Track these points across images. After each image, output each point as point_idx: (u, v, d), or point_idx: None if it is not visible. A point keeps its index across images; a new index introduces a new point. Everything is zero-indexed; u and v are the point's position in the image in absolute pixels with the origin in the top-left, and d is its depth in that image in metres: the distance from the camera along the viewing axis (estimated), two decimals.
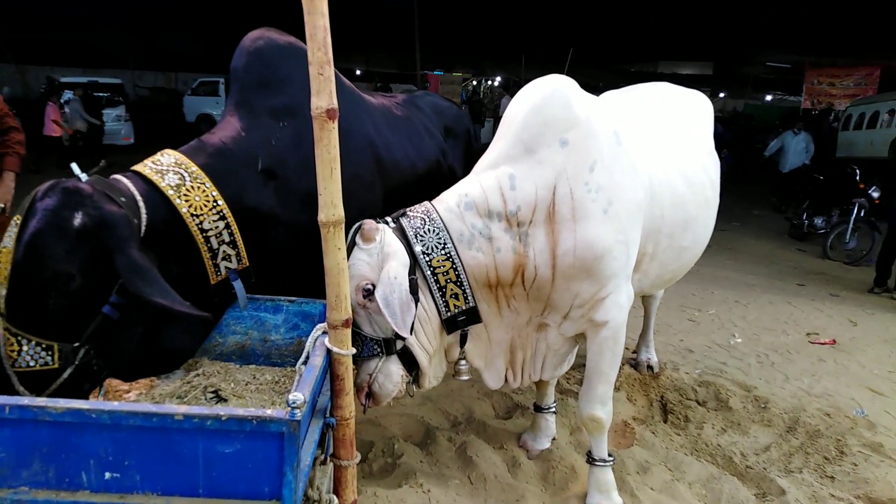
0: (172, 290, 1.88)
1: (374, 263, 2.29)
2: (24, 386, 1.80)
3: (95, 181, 1.96)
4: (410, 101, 3.44)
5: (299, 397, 1.59)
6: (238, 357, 2.50)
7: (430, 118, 3.40)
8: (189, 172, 2.19)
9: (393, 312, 2.15)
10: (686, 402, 3.77)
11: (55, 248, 1.78)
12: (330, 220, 1.91)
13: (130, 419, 1.55)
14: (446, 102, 3.82)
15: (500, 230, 2.42)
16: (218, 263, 2.24)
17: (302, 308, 2.48)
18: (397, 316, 2.15)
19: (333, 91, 1.82)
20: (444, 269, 2.38)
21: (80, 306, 1.85)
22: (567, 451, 3.14)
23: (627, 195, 2.50)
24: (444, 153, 3.32)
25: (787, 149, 12.14)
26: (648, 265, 2.81)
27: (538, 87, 2.57)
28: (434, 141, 3.29)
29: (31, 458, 1.59)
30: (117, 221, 1.87)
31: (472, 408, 3.55)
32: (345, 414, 2.09)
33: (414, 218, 2.43)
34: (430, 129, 3.33)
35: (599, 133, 2.51)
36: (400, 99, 3.43)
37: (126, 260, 1.83)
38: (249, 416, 1.57)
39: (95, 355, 1.91)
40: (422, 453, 3.08)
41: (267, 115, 2.48)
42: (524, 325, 2.63)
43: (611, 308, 2.53)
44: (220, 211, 2.21)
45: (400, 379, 2.40)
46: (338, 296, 1.98)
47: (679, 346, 4.83)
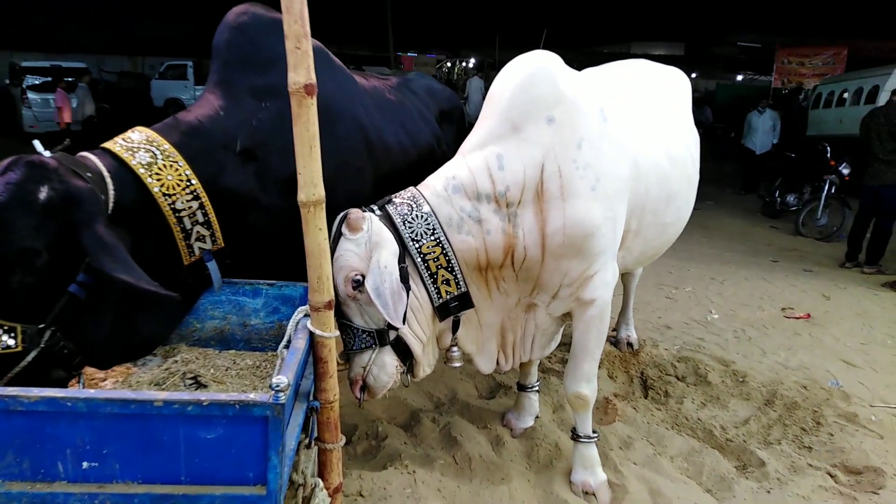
0: (139, 269, 1.80)
1: (362, 253, 2.24)
2: None
3: (60, 157, 1.88)
4: (404, 85, 3.37)
5: (283, 381, 1.55)
6: (217, 342, 2.45)
7: (424, 102, 3.34)
8: (161, 150, 2.11)
9: (385, 303, 2.10)
10: (666, 377, 3.81)
11: (19, 223, 1.70)
12: (310, 199, 1.86)
13: (108, 406, 1.50)
14: (440, 86, 3.75)
15: (489, 212, 2.39)
16: (191, 244, 2.18)
17: (282, 291, 2.43)
18: (389, 306, 2.11)
19: (311, 66, 1.77)
20: (434, 255, 2.34)
21: (46, 285, 1.77)
22: (551, 429, 3.15)
23: (615, 172, 2.49)
24: (438, 139, 3.27)
25: (754, 129, 12.11)
26: (633, 242, 2.81)
27: (523, 65, 2.53)
28: (428, 126, 3.23)
29: (3, 450, 1.53)
30: (84, 196, 1.79)
31: (455, 389, 3.54)
32: (329, 397, 2.05)
33: (401, 204, 2.38)
34: (425, 113, 3.27)
35: (586, 110, 2.48)
36: (393, 82, 3.35)
37: (93, 236, 1.76)
38: (232, 401, 1.52)
39: (64, 338, 1.84)
40: (406, 435, 3.06)
41: (248, 95, 2.40)
42: (513, 307, 2.61)
43: (598, 286, 2.53)
44: (193, 191, 2.14)
45: (395, 370, 2.37)
46: (319, 277, 1.94)
47: (657, 322, 4.88)
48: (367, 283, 2.15)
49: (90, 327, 1.91)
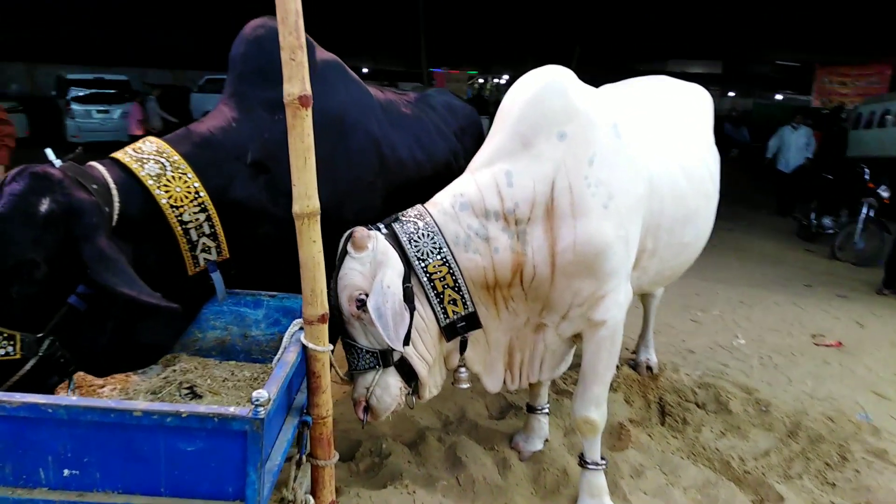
0: (140, 281, 1.80)
1: (366, 272, 2.21)
2: None
3: (67, 167, 1.89)
4: (422, 100, 3.35)
5: (263, 395, 1.52)
6: (218, 353, 2.44)
7: (442, 118, 3.32)
8: (171, 161, 2.11)
9: (385, 324, 2.06)
10: (685, 404, 3.68)
11: (19, 235, 1.71)
12: (304, 211, 1.84)
13: (88, 415, 1.49)
14: (460, 102, 3.73)
15: (497, 229, 2.34)
16: (197, 255, 2.17)
17: (283, 303, 2.41)
18: (389, 327, 2.07)
19: (306, 77, 1.75)
20: (440, 274, 2.30)
21: (45, 296, 1.78)
22: (560, 454, 3.06)
23: (628, 189, 2.42)
24: (455, 155, 3.23)
25: (786, 146, 11.33)
26: (648, 262, 2.72)
27: (534, 79, 2.49)
28: (445, 142, 3.21)
29: None
30: (86, 209, 1.80)
31: (465, 407, 3.47)
32: (321, 412, 2.02)
33: (407, 222, 2.35)
34: (442, 129, 3.24)
35: (598, 125, 2.42)
36: (411, 97, 3.34)
37: (93, 249, 1.76)
38: (211, 414, 1.50)
39: (61, 347, 1.84)
40: (410, 453, 3.00)
41: (261, 108, 2.40)
42: (522, 327, 2.55)
43: (610, 307, 2.45)
44: (201, 203, 2.14)
45: (399, 392, 2.32)
46: (313, 290, 1.91)
47: (680, 346, 4.73)
48: (369, 303, 2.11)
49: (89, 338, 1.92)
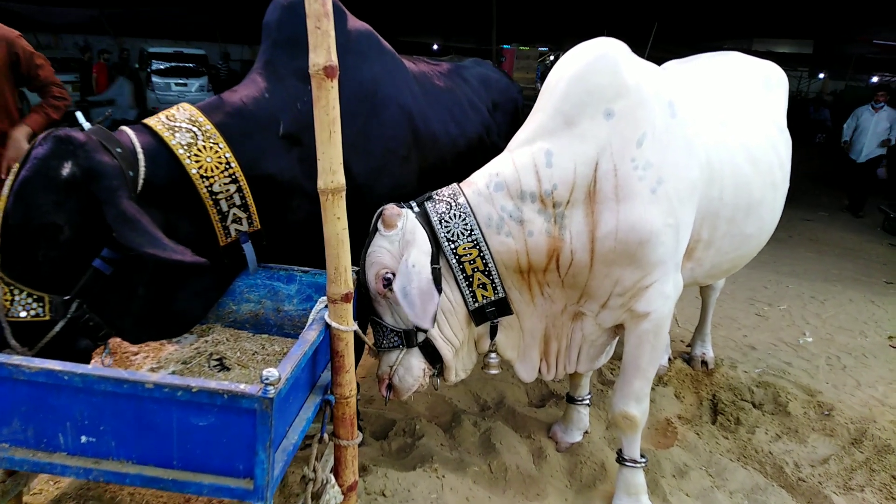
0: (166, 239, 1.81)
1: (395, 251, 2.17)
2: (17, 339, 1.78)
3: (93, 131, 1.90)
4: (455, 72, 3.25)
5: (273, 374, 1.48)
6: (251, 326, 2.45)
7: (476, 91, 3.21)
8: (203, 130, 2.11)
9: (411, 303, 2.03)
10: (740, 403, 3.47)
11: (42, 198, 1.74)
12: (329, 187, 1.79)
13: (102, 384, 1.50)
14: (496, 74, 3.61)
15: (532, 212, 2.23)
16: (227, 225, 2.17)
17: (315, 279, 2.39)
18: (416, 306, 2.03)
19: (332, 47, 1.69)
20: (470, 257, 2.22)
21: (70, 258, 1.81)
22: (599, 447, 2.94)
23: (680, 173, 2.26)
24: (487, 129, 3.13)
25: (863, 129, 9.51)
26: (703, 253, 2.55)
27: (582, 52, 2.34)
28: (478, 115, 3.10)
29: (10, 416, 1.57)
30: (107, 171, 1.81)
31: (504, 393, 3.39)
32: (344, 392, 1.99)
33: (439, 202, 2.28)
34: (475, 102, 3.14)
35: (651, 103, 2.26)
36: (444, 68, 3.24)
37: (115, 211, 1.77)
38: (220, 390, 1.48)
39: (90, 310, 1.87)
40: (444, 436, 2.96)
41: (294, 77, 2.37)
42: (559, 314, 2.44)
43: (654, 298, 2.30)
44: (232, 174, 2.13)
45: (421, 373, 2.29)
46: (337, 268, 1.87)
47: (741, 341, 4.48)
48: (395, 284, 2.08)
49: (117, 302, 1.94)
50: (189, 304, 2.21)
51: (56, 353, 1.79)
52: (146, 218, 1.82)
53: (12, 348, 1.80)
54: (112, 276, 1.90)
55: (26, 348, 1.81)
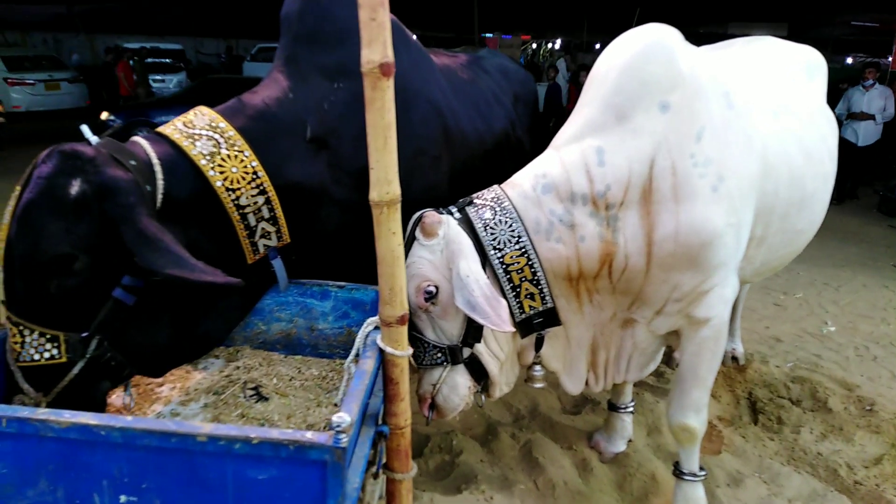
0: (193, 258, 1.58)
1: (437, 262, 2.00)
2: (31, 383, 1.57)
3: (103, 143, 1.68)
4: (475, 63, 3.06)
5: (345, 419, 1.30)
6: (283, 346, 2.25)
7: (497, 83, 3.03)
8: (225, 138, 1.89)
9: (483, 312, 1.85)
10: (778, 400, 3.35)
11: (49, 223, 1.51)
12: (383, 199, 1.59)
13: (146, 438, 1.30)
14: (514, 65, 3.43)
15: (584, 215, 2.06)
16: (256, 241, 1.96)
17: (352, 295, 2.20)
18: (489, 314, 1.85)
19: (389, 41, 1.49)
20: (518, 265, 2.05)
21: (86, 290, 1.59)
22: (646, 456, 2.80)
23: (741, 169, 2.10)
24: (512, 123, 2.95)
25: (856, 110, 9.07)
26: (755, 251, 2.40)
27: (633, 40, 2.16)
28: (502, 109, 2.92)
29: (36, 476, 1.37)
30: (121, 187, 1.58)
31: (536, 400, 3.23)
32: (399, 422, 1.81)
33: (482, 207, 2.10)
34: (498, 95, 2.96)
35: (708, 94, 2.10)
36: (464, 59, 3.05)
37: (134, 231, 1.55)
38: (285, 441, 1.29)
39: (111, 347, 1.65)
40: (482, 451, 2.80)
41: (319, 74, 2.16)
42: (608, 322, 2.28)
43: (715, 303, 2.15)
44: (259, 184, 1.92)
45: (467, 391, 2.13)
46: (392, 288, 1.68)
47: (765, 333, 4.37)
48: (457, 300, 1.91)
49: (140, 335, 1.73)
50: (213, 326, 2.00)
51: (74, 397, 1.59)
52: (169, 236, 1.60)
53: (25, 393, 1.59)
54: (134, 307, 1.68)
55: (41, 393, 1.59)
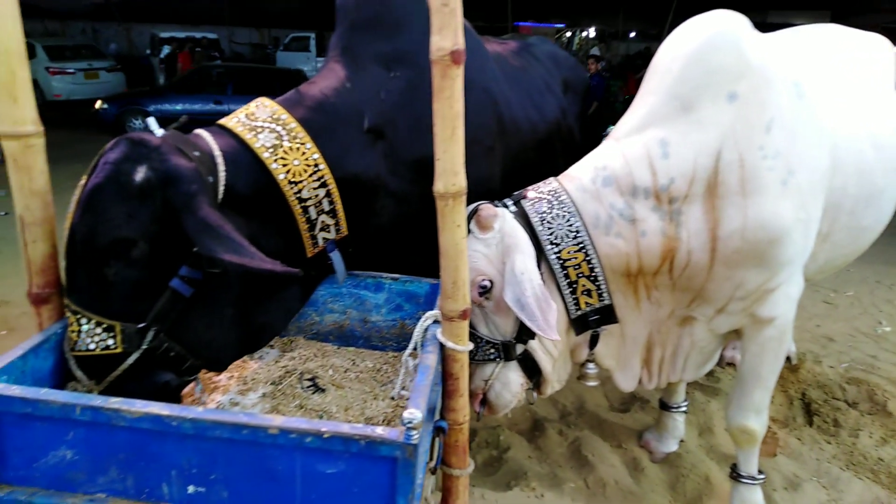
0: (253, 248, 1.56)
1: (491, 256, 1.96)
2: (85, 372, 1.57)
3: (168, 135, 1.67)
4: (526, 50, 2.99)
5: (416, 416, 1.27)
6: (336, 338, 2.25)
7: (548, 70, 2.96)
8: (287, 129, 1.87)
9: (531, 314, 1.80)
10: (833, 402, 3.24)
11: (111, 206, 1.50)
12: (449, 190, 1.56)
13: (217, 430, 1.30)
14: (563, 52, 3.36)
15: (645, 209, 2.00)
16: (315, 235, 1.94)
17: (406, 287, 2.18)
18: (537, 317, 1.80)
19: (460, 28, 1.45)
20: (575, 261, 2.00)
21: (145, 279, 1.58)
22: (699, 457, 2.73)
23: (811, 163, 2.01)
24: (564, 112, 2.89)
25: None
26: (819, 248, 2.31)
27: (699, 27, 2.08)
28: (554, 98, 2.86)
29: (106, 464, 1.38)
30: (184, 175, 1.57)
31: (583, 397, 3.18)
32: (458, 418, 1.78)
33: (539, 200, 2.05)
34: (549, 83, 2.89)
35: (777, 84, 2.01)
36: (514, 46, 2.99)
37: (195, 219, 1.53)
38: (356, 436, 1.27)
39: (168, 339, 1.63)
40: (530, 447, 2.76)
41: (376, 63, 2.13)
42: (665, 319, 2.21)
43: (780, 302, 2.08)
44: (321, 177, 1.89)
45: (520, 388, 2.09)
46: (455, 282, 1.65)
47: (816, 332, 4.23)
48: (507, 296, 1.86)
49: (198, 327, 1.70)
50: (272, 318, 1.98)
51: (130, 388, 1.58)
52: (229, 225, 1.58)
53: (78, 381, 1.59)
54: (192, 298, 1.66)
55: (93, 381, 1.59)
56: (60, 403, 1.31)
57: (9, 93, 1.54)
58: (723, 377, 3.49)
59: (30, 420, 1.35)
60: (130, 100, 11.44)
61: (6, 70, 1.52)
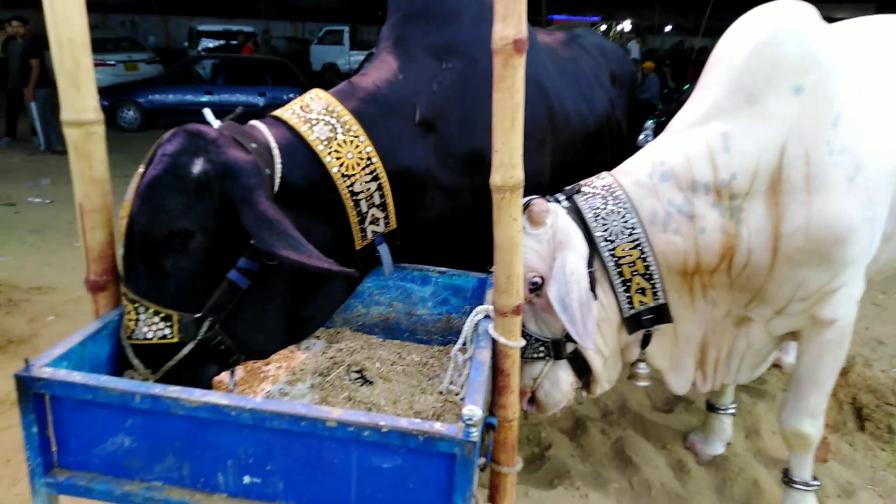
0: (307, 243, 1.55)
1: (543, 252, 1.91)
2: (142, 360, 1.58)
3: (225, 126, 1.67)
4: (574, 41, 2.94)
5: (476, 413, 1.25)
6: (381, 330, 2.23)
7: (596, 62, 2.90)
8: (342, 122, 1.85)
9: (572, 317, 1.77)
10: (886, 407, 3.13)
11: (170, 198, 1.51)
12: (507, 183, 1.52)
13: (275, 420, 1.29)
14: (611, 44, 3.29)
15: (705, 205, 1.94)
16: (365, 227, 1.93)
17: (452, 281, 2.15)
18: (577, 321, 1.77)
19: (524, 16, 1.41)
20: (630, 259, 1.95)
21: (202, 270, 1.58)
22: (746, 461, 2.66)
23: (879, 159, 1.93)
24: (613, 105, 2.83)
25: None
26: (881, 249, 2.22)
27: (764, 18, 2.01)
28: (603, 90, 2.80)
29: (163, 452, 1.38)
30: (242, 168, 1.56)
31: (625, 396, 3.13)
32: (508, 414, 1.75)
33: (593, 195, 2.00)
34: (598, 74, 2.84)
35: (844, 77, 1.93)
36: (562, 37, 2.94)
37: (253, 212, 1.52)
38: (414, 431, 1.25)
39: (222, 331, 1.63)
40: (572, 445, 2.72)
41: (428, 55, 2.10)
42: (721, 319, 2.15)
43: (842, 303, 2.00)
44: (373, 171, 1.87)
45: (569, 387, 2.05)
46: (509, 276, 1.61)
47: (865, 335, 4.10)
48: (551, 292, 1.83)
49: (251, 318, 1.70)
50: (318, 309, 1.97)
51: (181, 377, 1.59)
52: (287, 221, 1.57)
53: (135, 368, 1.60)
54: (247, 290, 1.65)
55: (150, 370, 1.60)
56: (121, 391, 1.32)
57: (72, 81, 1.55)
58: (769, 378, 3.40)
59: (89, 406, 1.36)
60: (122, 91, 11.45)
61: (71, 59, 1.54)
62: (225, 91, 11.77)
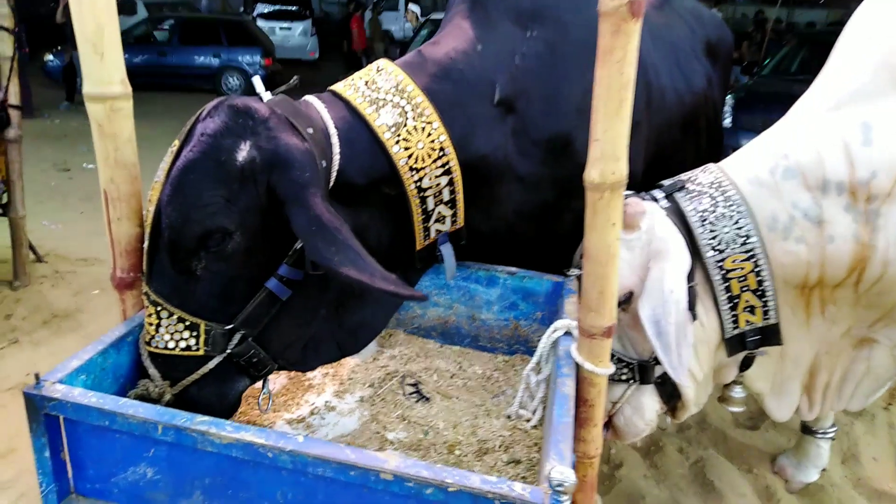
0: (369, 257, 1.28)
1: (634, 261, 1.62)
2: (160, 370, 1.36)
3: (277, 102, 1.41)
4: (667, 4, 2.53)
5: (568, 477, 1.00)
6: (438, 334, 2.00)
7: (692, 30, 2.51)
8: (413, 105, 1.58)
9: (666, 345, 1.48)
10: None
11: (208, 190, 1.26)
12: (607, 180, 1.24)
13: (319, 467, 1.06)
14: (707, 10, 2.88)
15: (836, 208, 1.60)
16: (429, 226, 1.67)
17: (523, 283, 1.88)
18: (672, 351, 1.48)
19: None
20: (741, 272, 1.64)
21: (238, 276, 1.35)
22: (845, 492, 2.35)
23: None
24: (709, 82, 2.45)
25: None
26: None
27: None
28: (700, 64, 2.42)
29: (190, 488, 1.18)
30: (297, 159, 1.30)
31: (705, 409, 2.80)
32: (589, 450, 1.49)
33: (698, 194, 1.69)
34: (695, 45, 2.45)
35: None
36: None
37: (306, 215, 1.26)
38: (489, 493, 1.00)
39: (255, 344, 1.40)
40: (645, 465, 2.44)
41: (511, 22, 1.80)
42: (837, 339, 1.82)
43: None
44: (445, 163, 1.60)
45: (654, 415, 1.77)
46: (602, 292, 1.33)
47: None
48: (643, 311, 1.54)
49: (291, 332, 1.47)
50: (371, 316, 1.70)
51: (203, 392, 1.38)
52: (346, 227, 1.30)
53: (151, 378, 1.37)
54: (288, 301, 1.41)
55: (167, 382, 1.37)
56: (140, 419, 1.12)
57: (94, 48, 1.32)
58: None
59: (108, 432, 1.17)
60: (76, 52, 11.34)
61: (93, 22, 1.30)
62: (179, 52, 11.65)
